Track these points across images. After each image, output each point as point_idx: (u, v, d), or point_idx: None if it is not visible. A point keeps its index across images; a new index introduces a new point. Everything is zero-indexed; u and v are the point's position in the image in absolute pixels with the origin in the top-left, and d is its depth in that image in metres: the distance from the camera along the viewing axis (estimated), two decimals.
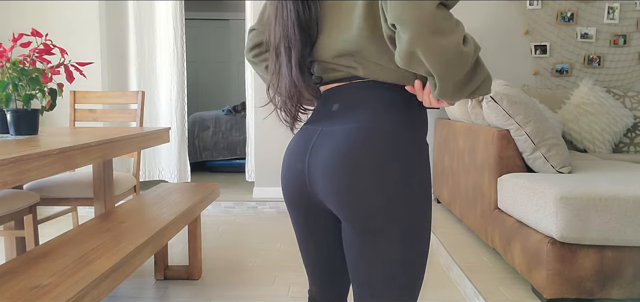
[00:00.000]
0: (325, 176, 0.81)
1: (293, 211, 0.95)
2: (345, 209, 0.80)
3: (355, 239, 0.82)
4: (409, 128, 0.82)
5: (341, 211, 0.81)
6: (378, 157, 0.77)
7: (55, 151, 1.40)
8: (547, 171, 2.24)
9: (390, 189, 0.78)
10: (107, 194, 2.21)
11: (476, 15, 3.86)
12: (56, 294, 1.18)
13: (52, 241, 1.61)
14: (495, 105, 2.31)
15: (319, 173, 0.82)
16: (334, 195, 0.80)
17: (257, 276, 2.48)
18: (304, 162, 0.86)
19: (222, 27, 7.32)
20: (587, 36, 3.90)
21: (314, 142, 0.85)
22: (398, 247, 0.80)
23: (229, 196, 4.00)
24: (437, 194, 3.64)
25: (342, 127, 0.81)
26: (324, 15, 0.86)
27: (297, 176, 0.88)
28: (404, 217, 0.79)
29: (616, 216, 1.78)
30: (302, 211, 0.93)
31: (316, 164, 0.83)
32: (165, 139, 2.31)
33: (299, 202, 0.91)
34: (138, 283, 2.39)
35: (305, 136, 0.88)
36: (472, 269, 2.30)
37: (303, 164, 0.86)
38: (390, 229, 0.79)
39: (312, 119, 0.91)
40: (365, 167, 0.77)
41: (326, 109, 0.88)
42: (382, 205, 0.78)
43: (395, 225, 0.79)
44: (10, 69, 1.71)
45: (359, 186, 0.77)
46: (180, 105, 4.02)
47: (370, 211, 0.78)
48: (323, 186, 0.82)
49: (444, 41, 0.67)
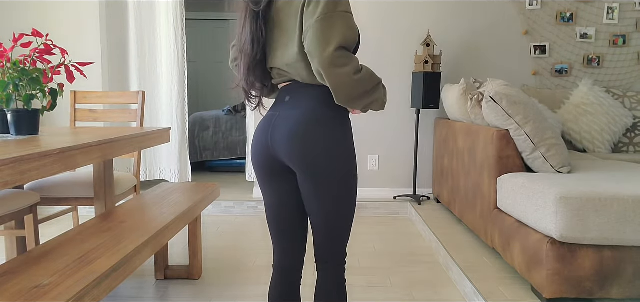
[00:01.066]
0: (284, 144, 1.23)
1: (260, 173, 1.33)
2: (299, 163, 1.22)
3: (307, 183, 1.24)
4: (333, 110, 1.25)
5: (296, 165, 1.23)
6: (315, 128, 1.22)
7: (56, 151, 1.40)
8: (547, 171, 2.25)
9: (322, 146, 1.21)
10: (108, 194, 2.22)
11: (476, 15, 3.86)
12: (56, 294, 1.18)
13: (52, 241, 1.61)
14: (495, 105, 2.31)
15: (280, 142, 1.24)
16: (291, 155, 1.23)
17: (257, 276, 2.48)
18: (268, 135, 1.27)
19: (222, 27, 7.32)
20: (587, 36, 3.90)
21: (274, 122, 1.27)
22: (334, 185, 1.23)
23: (229, 195, 4.00)
24: (437, 194, 3.65)
25: (293, 113, 1.25)
26: (274, 36, 1.27)
27: (263, 146, 1.29)
28: (335, 164, 1.22)
29: (615, 215, 1.78)
30: (267, 171, 1.31)
31: (277, 137, 1.25)
32: (165, 139, 2.31)
33: (264, 165, 1.31)
34: (138, 283, 2.39)
35: (268, 118, 1.30)
36: (472, 269, 2.30)
37: (267, 137, 1.27)
38: (327, 173, 1.22)
39: (273, 107, 1.33)
40: (308, 135, 1.21)
41: (281, 99, 1.30)
42: (320, 156, 1.21)
43: (330, 171, 1.22)
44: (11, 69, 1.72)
45: (306, 148, 1.21)
46: (181, 105, 4.03)
47: (313, 161, 1.21)
48: (284, 150, 1.24)
49: (338, 70, 1.12)
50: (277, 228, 1.37)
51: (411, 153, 3.96)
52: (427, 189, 4.00)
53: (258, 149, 1.30)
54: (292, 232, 1.36)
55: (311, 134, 1.21)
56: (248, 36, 1.27)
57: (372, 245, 3.00)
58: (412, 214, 3.65)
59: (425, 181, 3.99)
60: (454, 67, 3.91)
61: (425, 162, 3.98)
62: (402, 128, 3.94)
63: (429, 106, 3.52)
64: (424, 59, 3.53)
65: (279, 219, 1.36)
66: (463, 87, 3.04)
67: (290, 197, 1.33)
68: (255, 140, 1.32)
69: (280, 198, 1.34)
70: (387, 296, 2.26)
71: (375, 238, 3.16)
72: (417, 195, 3.83)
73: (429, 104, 3.52)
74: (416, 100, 3.59)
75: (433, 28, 3.86)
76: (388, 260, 2.74)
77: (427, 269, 2.60)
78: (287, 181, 1.32)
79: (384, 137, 3.95)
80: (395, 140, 3.95)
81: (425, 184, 3.99)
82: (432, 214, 3.41)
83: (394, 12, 3.85)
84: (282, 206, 1.34)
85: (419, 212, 3.44)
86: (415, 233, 3.30)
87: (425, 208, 3.58)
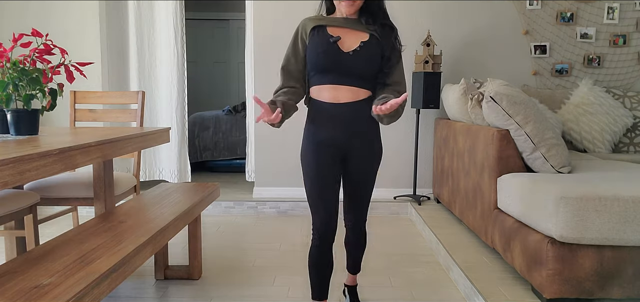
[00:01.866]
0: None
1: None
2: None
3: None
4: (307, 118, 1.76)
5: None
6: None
7: (56, 151, 1.40)
8: (547, 171, 2.25)
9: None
10: (108, 194, 2.21)
11: (476, 15, 3.86)
12: (56, 294, 1.18)
13: (52, 241, 1.61)
14: (495, 105, 2.31)
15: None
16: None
17: (257, 276, 2.48)
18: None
19: (222, 27, 7.32)
20: (587, 36, 3.90)
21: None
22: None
23: (229, 195, 4.00)
24: (437, 194, 3.65)
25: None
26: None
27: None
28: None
29: (616, 215, 1.78)
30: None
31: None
32: (165, 139, 2.31)
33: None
34: (138, 283, 2.39)
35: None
36: (472, 269, 2.30)
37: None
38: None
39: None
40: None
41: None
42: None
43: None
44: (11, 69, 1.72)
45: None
46: (181, 105, 4.02)
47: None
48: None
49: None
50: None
51: (411, 153, 3.95)
52: (427, 189, 4.00)
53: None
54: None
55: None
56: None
57: (372, 245, 2.99)
58: (412, 214, 3.65)
59: (425, 181, 3.99)
60: (454, 67, 3.91)
61: (426, 162, 3.97)
62: (402, 128, 3.94)
63: (429, 106, 3.52)
64: (424, 58, 3.53)
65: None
66: (463, 87, 3.04)
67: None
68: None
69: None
70: (387, 296, 2.26)
71: (375, 238, 3.15)
72: (417, 195, 3.82)
73: (429, 104, 3.52)
74: (416, 100, 3.59)
75: (433, 28, 3.86)
76: (388, 260, 2.74)
77: (427, 269, 2.60)
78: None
79: (384, 137, 3.95)
80: (395, 140, 3.95)
81: (426, 184, 3.99)
82: (432, 214, 3.40)
83: (394, 12, 3.83)
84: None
85: (419, 213, 3.44)
86: (415, 233, 3.29)
87: (426, 208, 3.58)
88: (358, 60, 1.63)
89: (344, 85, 1.64)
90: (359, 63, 1.63)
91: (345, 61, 1.62)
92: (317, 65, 1.65)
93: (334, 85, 1.65)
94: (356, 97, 1.66)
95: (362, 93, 1.67)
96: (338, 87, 1.65)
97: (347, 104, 1.65)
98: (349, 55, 1.62)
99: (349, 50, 1.63)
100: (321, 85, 1.67)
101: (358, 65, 1.63)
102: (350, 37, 1.65)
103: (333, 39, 1.63)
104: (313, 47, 1.66)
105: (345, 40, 1.65)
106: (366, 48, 1.64)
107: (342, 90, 1.65)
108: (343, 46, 1.63)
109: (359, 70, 1.64)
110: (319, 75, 1.67)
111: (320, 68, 1.65)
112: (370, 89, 1.69)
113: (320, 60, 1.63)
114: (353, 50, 1.63)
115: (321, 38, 1.65)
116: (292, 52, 1.73)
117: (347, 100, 1.65)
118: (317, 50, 1.64)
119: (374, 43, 1.66)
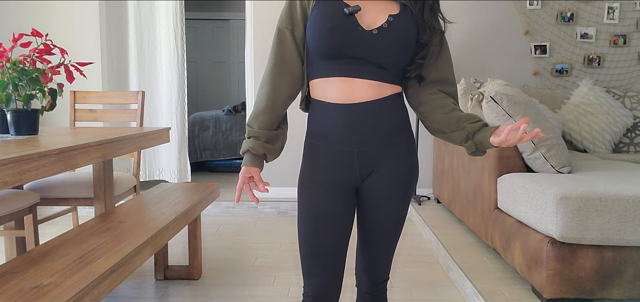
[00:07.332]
0: None
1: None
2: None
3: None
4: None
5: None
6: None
7: (55, 151, 1.40)
8: (547, 171, 2.24)
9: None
10: (107, 194, 2.21)
11: (476, 15, 3.86)
12: (56, 294, 1.18)
13: (52, 241, 1.61)
14: (495, 105, 2.31)
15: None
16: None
17: (257, 276, 2.48)
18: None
19: (222, 27, 7.32)
20: (587, 36, 3.90)
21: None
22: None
23: (229, 196, 4.00)
24: (437, 194, 3.65)
25: None
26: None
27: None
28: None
29: (616, 215, 1.78)
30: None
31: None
32: (165, 139, 2.31)
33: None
34: (138, 283, 2.39)
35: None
36: (472, 269, 2.30)
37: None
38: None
39: None
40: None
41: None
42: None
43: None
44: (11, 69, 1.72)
45: None
46: (181, 105, 4.02)
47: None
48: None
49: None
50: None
51: None
52: (428, 189, 4.00)
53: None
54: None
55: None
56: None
57: None
58: (412, 214, 3.65)
59: (425, 181, 3.99)
60: (454, 67, 3.90)
61: (426, 163, 3.97)
62: None
63: None
64: None
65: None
66: (463, 87, 3.04)
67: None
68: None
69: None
70: (387, 296, 2.25)
71: None
72: (418, 195, 3.82)
73: None
74: None
75: None
76: None
77: (427, 269, 2.60)
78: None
79: None
80: None
81: (426, 184, 3.99)
82: (432, 214, 3.40)
83: None
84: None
85: (419, 213, 3.44)
86: (415, 233, 3.29)
87: (426, 208, 3.58)
88: (385, 42, 1.07)
89: (362, 78, 1.09)
90: (387, 46, 1.08)
91: (365, 43, 1.07)
92: (321, 48, 1.09)
93: (346, 78, 1.09)
94: (380, 94, 1.11)
95: (388, 89, 1.12)
96: (352, 80, 1.09)
97: (367, 104, 1.10)
98: (372, 35, 1.07)
99: (372, 27, 1.08)
100: (327, 78, 1.11)
101: (385, 50, 1.08)
102: (373, 9, 1.09)
103: (350, 9, 1.06)
104: (317, 20, 1.09)
105: (367, 13, 1.08)
106: (396, 24, 1.08)
107: (358, 85, 1.09)
108: (363, 21, 1.08)
109: (387, 57, 1.09)
110: (324, 63, 1.11)
111: (327, 52, 1.08)
112: (399, 84, 1.16)
113: (328, 41, 1.07)
114: (378, 27, 1.08)
115: (330, 8, 1.08)
116: (285, 27, 1.17)
117: (365, 99, 1.10)
118: (325, 25, 1.07)
119: (408, 18, 1.10)
